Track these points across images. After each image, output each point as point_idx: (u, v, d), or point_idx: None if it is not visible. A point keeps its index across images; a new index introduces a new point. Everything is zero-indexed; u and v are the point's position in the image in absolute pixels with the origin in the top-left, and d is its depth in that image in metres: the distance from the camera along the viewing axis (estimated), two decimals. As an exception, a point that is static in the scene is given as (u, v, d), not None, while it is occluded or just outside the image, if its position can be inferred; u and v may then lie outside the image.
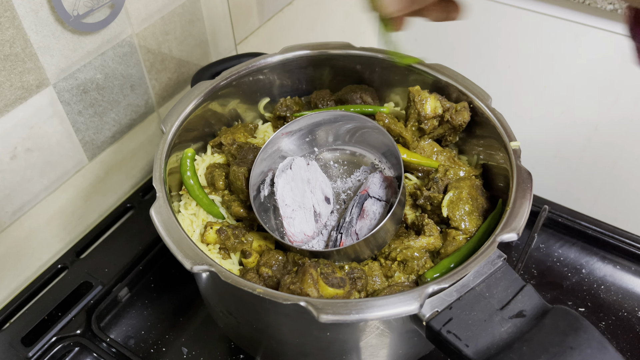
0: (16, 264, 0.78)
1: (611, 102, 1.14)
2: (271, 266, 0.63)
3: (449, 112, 0.73)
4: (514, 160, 0.63)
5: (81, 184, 0.83)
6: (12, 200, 0.73)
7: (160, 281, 0.81)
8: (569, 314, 0.49)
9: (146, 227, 0.84)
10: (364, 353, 0.61)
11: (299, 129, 0.72)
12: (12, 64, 0.65)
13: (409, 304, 0.51)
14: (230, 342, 0.74)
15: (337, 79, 0.83)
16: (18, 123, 0.69)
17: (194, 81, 0.80)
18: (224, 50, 0.99)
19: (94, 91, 0.78)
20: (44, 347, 0.72)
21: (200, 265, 0.55)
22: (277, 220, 0.69)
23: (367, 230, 0.65)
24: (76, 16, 0.69)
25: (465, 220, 0.64)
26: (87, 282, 0.79)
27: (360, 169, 0.72)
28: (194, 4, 0.87)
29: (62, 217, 0.82)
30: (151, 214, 0.60)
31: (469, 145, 0.76)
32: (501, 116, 0.68)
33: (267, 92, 0.83)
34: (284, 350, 0.66)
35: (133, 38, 0.80)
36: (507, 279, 0.53)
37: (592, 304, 0.77)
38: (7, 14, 0.62)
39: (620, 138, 1.17)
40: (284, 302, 0.52)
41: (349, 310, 0.50)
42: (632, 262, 0.81)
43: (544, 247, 0.84)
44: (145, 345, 0.74)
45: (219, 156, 0.78)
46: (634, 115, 1.12)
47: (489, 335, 0.49)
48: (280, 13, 1.10)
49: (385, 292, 0.60)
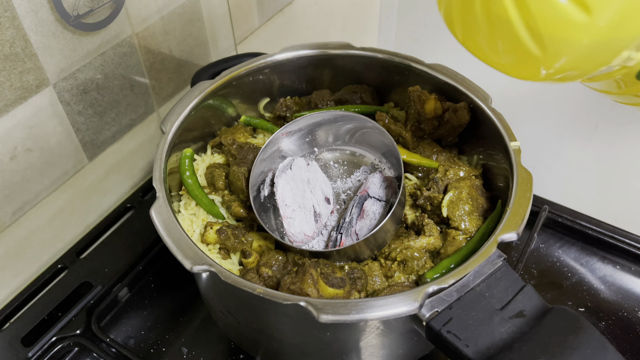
0: (16, 264, 0.78)
1: (611, 102, 1.14)
2: (271, 266, 0.63)
3: (449, 113, 0.73)
4: (514, 160, 0.63)
5: (81, 184, 0.83)
6: (12, 200, 0.73)
7: (160, 281, 0.81)
8: (569, 314, 0.49)
9: (146, 227, 0.85)
10: (364, 353, 0.61)
11: (299, 129, 0.72)
12: (12, 64, 0.65)
13: (409, 304, 0.51)
14: (230, 342, 0.74)
15: (337, 79, 0.83)
16: (18, 123, 0.69)
17: (194, 81, 0.80)
18: (224, 50, 0.99)
19: (94, 91, 0.78)
20: (44, 347, 0.72)
21: (200, 265, 0.55)
22: (277, 220, 0.69)
23: (367, 230, 0.65)
24: (76, 16, 0.69)
25: (465, 221, 0.64)
26: (87, 282, 0.79)
27: (360, 169, 0.72)
28: (194, 4, 0.87)
29: (62, 217, 0.82)
30: (151, 214, 0.60)
31: (469, 145, 0.76)
32: (501, 116, 0.68)
33: (267, 92, 0.83)
34: (284, 350, 0.66)
35: (133, 38, 0.80)
36: (507, 279, 0.53)
37: (592, 304, 0.77)
38: (7, 14, 0.62)
39: (620, 138, 1.16)
40: (284, 302, 0.52)
41: (349, 310, 0.50)
42: (632, 262, 0.81)
43: (544, 247, 0.84)
44: (145, 345, 0.74)
45: (218, 156, 0.78)
46: (633, 115, 1.12)
47: (489, 335, 0.49)
48: (280, 13, 1.10)
49: (385, 292, 0.60)
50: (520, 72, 0.49)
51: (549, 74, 0.47)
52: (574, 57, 0.43)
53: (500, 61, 0.49)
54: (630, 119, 1.13)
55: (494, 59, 0.50)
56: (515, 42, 0.45)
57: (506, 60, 0.48)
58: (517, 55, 0.46)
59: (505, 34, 0.45)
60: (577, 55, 0.43)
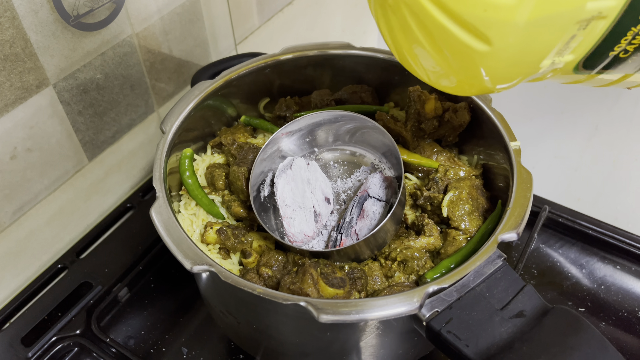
0: (16, 264, 0.78)
1: (611, 102, 1.14)
2: (271, 266, 0.63)
3: (449, 112, 0.72)
4: (514, 160, 0.63)
5: (81, 184, 0.83)
6: (12, 200, 0.73)
7: (160, 281, 0.81)
8: (569, 314, 0.49)
9: (146, 227, 0.85)
10: (364, 353, 0.61)
11: (299, 129, 0.72)
12: (12, 64, 0.65)
13: (409, 304, 0.51)
14: (230, 342, 0.74)
15: (337, 79, 0.83)
16: (18, 123, 0.69)
17: (194, 81, 0.80)
18: (224, 50, 0.99)
19: (94, 91, 0.78)
20: (44, 347, 0.72)
21: (200, 265, 0.55)
22: (277, 220, 0.69)
23: (367, 230, 0.65)
24: (76, 16, 0.69)
25: (465, 221, 0.64)
26: (87, 282, 0.79)
27: (360, 169, 0.72)
28: (194, 4, 0.87)
29: (62, 217, 0.82)
30: (151, 214, 0.60)
31: (469, 145, 0.76)
32: (501, 116, 0.68)
33: (267, 92, 0.83)
34: (284, 350, 0.66)
35: (133, 38, 0.80)
36: (507, 279, 0.53)
37: (592, 304, 0.77)
38: (7, 14, 0.62)
39: (620, 138, 1.16)
40: (284, 302, 0.52)
41: (349, 310, 0.50)
42: (632, 262, 0.81)
43: (544, 247, 0.84)
44: (145, 345, 0.74)
45: (218, 156, 0.78)
46: (634, 115, 1.12)
47: (489, 335, 0.49)
48: (280, 13, 1.10)
49: (385, 292, 0.60)
50: (472, 79, 0.50)
51: (504, 73, 0.48)
52: (517, 42, 0.43)
53: (460, 74, 0.50)
54: (630, 118, 1.13)
55: (454, 75, 0.51)
56: (459, 45, 0.46)
57: (461, 66, 0.49)
58: (468, 59, 0.47)
59: (446, 41, 0.46)
60: (520, 39, 0.43)
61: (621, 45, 0.44)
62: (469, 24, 0.43)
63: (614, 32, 0.43)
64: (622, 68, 0.47)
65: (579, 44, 0.44)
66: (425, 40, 0.47)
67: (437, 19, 0.44)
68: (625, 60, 0.46)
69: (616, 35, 0.43)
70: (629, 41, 0.44)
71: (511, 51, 0.44)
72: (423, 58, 0.50)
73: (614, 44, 0.44)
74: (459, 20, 0.44)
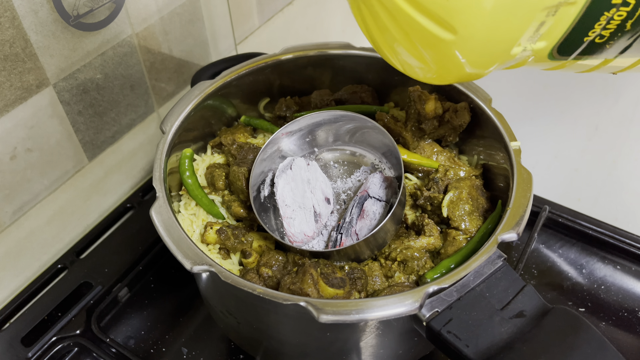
0: (16, 264, 0.78)
1: (611, 102, 1.14)
2: (271, 266, 0.63)
3: (449, 113, 0.72)
4: (514, 160, 0.63)
5: (81, 184, 0.83)
6: (12, 200, 0.73)
7: (160, 281, 0.81)
8: (569, 314, 0.49)
9: (146, 227, 0.85)
10: (364, 353, 0.61)
11: (299, 129, 0.72)
12: (12, 64, 0.65)
13: (409, 304, 0.51)
14: (230, 342, 0.74)
15: (337, 79, 0.83)
16: (18, 123, 0.69)
17: (194, 81, 0.80)
18: (224, 50, 0.99)
19: (94, 91, 0.78)
20: (44, 347, 0.72)
21: (200, 265, 0.55)
22: (277, 220, 0.69)
23: (367, 230, 0.65)
24: (76, 16, 0.69)
25: (466, 221, 0.64)
26: (87, 282, 0.79)
27: (361, 169, 0.72)
28: (194, 4, 0.87)
29: (62, 217, 0.82)
30: (151, 214, 0.60)
31: (469, 145, 0.76)
32: (501, 116, 0.68)
33: (267, 92, 0.83)
34: (284, 350, 0.66)
35: (133, 38, 0.80)
36: (507, 279, 0.53)
37: (592, 304, 0.77)
38: (7, 14, 0.62)
39: (620, 138, 1.16)
40: (284, 302, 0.52)
41: (349, 310, 0.50)
42: (632, 262, 0.81)
43: (544, 247, 0.84)
44: (145, 345, 0.74)
45: (219, 156, 0.78)
46: (634, 115, 1.12)
47: (489, 335, 0.49)
48: (280, 13, 1.10)
49: (385, 292, 0.60)
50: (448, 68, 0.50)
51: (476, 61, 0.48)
52: (483, 30, 0.44)
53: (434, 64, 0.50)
54: (630, 119, 1.13)
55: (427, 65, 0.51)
56: (427, 35, 0.46)
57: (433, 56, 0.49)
58: (437, 48, 0.47)
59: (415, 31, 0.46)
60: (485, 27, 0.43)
61: (595, 31, 0.44)
62: (433, 13, 0.44)
63: (585, 17, 0.42)
64: (601, 53, 0.47)
65: (549, 30, 0.44)
66: (396, 31, 0.48)
67: (403, 9, 0.45)
68: (602, 45, 0.45)
69: (589, 20, 0.43)
70: (603, 26, 0.43)
71: (477, 39, 0.44)
72: (398, 50, 0.51)
73: (588, 29, 0.44)
74: (424, 10, 0.44)
